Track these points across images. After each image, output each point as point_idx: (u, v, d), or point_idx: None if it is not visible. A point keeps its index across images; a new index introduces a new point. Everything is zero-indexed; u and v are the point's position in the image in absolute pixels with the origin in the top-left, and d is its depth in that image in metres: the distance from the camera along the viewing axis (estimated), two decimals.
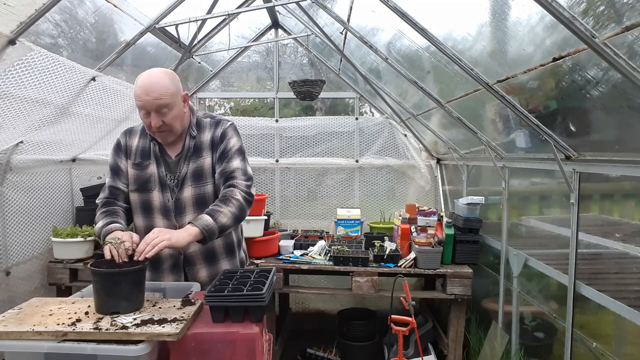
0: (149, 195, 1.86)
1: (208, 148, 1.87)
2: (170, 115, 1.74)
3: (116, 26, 2.87)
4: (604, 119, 1.83)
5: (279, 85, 4.50)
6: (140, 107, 1.72)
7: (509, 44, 1.91)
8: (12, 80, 2.15)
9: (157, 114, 1.71)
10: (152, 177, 1.85)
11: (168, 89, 1.71)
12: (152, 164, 1.86)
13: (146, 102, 1.69)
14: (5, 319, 1.32)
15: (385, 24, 2.61)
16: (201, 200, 1.85)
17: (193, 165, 1.85)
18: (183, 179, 1.84)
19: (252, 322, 1.40)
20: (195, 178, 1.84)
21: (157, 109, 1.70)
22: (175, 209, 1.84)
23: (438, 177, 4.25)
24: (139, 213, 1.90)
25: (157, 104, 1.69)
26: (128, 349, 1.20)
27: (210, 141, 1.87)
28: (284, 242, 3.40)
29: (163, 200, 1.84)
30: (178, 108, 1.77)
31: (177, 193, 1.84)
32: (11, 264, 2.81)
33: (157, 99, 1.69)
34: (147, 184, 1.85)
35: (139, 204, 1.88)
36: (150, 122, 1.73)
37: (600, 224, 2.09)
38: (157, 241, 1.54)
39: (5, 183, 2.75)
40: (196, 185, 1.85)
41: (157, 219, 1.86)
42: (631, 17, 1.22)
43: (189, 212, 1.85)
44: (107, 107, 3.11)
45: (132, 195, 1.89)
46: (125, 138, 1.94)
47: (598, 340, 1.96)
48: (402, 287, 2.44)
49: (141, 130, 1.93)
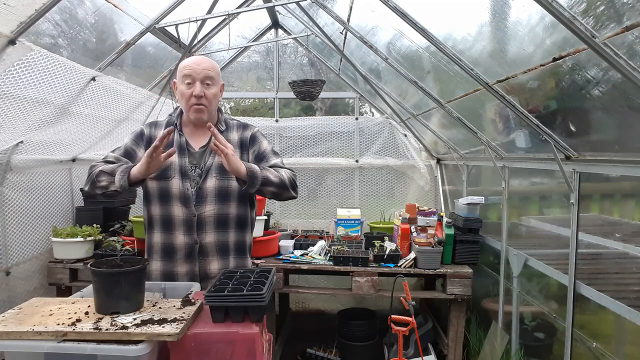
0: (167, 183, 1.88)
1: (237, 147, 1.96)
2: (211, 91, 1.86)
3: (116, 26, 2.88)
4: (604, 119, 1.83)
5: (279, 85, 4.50)
6: (187, 75, 1.83)
7: (509, 44, 1.91)
8: (12, 80, 2.15)
9: (201, 84, 1.83)
10: (172, 165, 1.88)
11: (215, 67, 1.89)
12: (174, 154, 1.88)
13: (195, 70, 1.82)
14: (5, 319, 1.32)
15: (385, 24, 2.61)
16: (224, 193, 1.90)
17: (219, 158, 1.87)
18: (208, 170, 1.89)
19: (252, 322, 1.40)
20: (221, 171, 1.88)
21: (203, 80, 1.83)
22: (196, 197, 1.87)
23: (438, 177, 4.25)
24: (156, 201, 1.91)
25: (205, 74, 1.83)
26: (128, 349, 1.20)
27: (239, 141, 1.97)
28: (284, 242, 3.40)
29: (182, 188, 1.87)
30: (217, 89, 1.91)
31: (200, 183, 1.88)
32: (11, 264, 2.81)
33: (206, 69, 1.84)
34: (166, 171, 1.87)
35: (157, 192, 1.90)
36: (191, 93, 1.82)
37: (600, 224, 2.09)
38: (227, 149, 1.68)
39: (5, 183, 2.75)
40: (221, 177, 1.89)
41: (176, 207, 1.88)
42: (631, 17, 1.22)
43: (210, 202, 1.88)
44: (107, 107, 3.11)
45: (151, 183, 1.90)
46: (150, 129, 1.98)
47: (598, 340, 1.96)
48: (402, 287, 2.43)
49: (166, 123, 1.99)
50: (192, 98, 1.83)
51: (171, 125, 1.95)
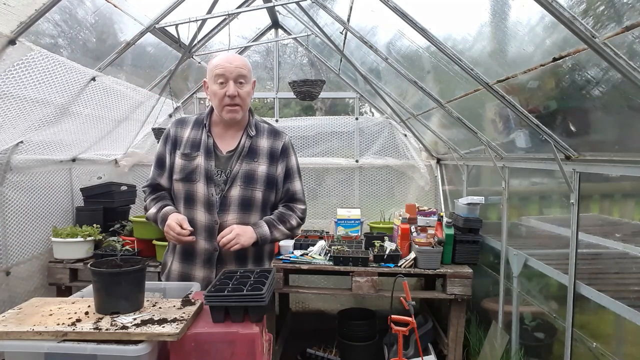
0: (192, 187, 1.86)
1: (266, 156, 1.92)
2: (245, 90, 1.83)
3: (116, 26, 2.87)
4: (604, 119, 1.83)
5: (279, 85, 4.50)
6: (219, 74, 1.79)
7: (509, 44, 1.91)
8: (12, 80, 2.15)
9: (235, 84, 1.80)
10: (198, 168, 1.86)
11: (247, 64, 1.85)
12: (200, 156, 1.87)
13: (227, 69, 1.78)
14: (5, 319, 1.32)
15: (385, 24, 2.61)
16: (247, 203, 1.87)
17: (246, 166, 1.87)
18: (234, 177, 1.86)
19: (252, 322, 1.40)
20: (246, 180, 1.87)
21: (236, 78, 1.80)
22: (220, 205, 1.85)
23: (438, 177, 4.25)
24: (181, 203, 1.90)
25: (238, 72, 1.80)
26: (128, 349, 1.20)
27: (269, 150, 1.93)
28: (284, 242, 3.39)
29: (207, 193, 1.85)
30: (250, 87, 1.88)
31: (225, 190, 1.85)
32: (11, 264, 2.81)
33: (239, 67, 1.80)
34: (192, 174, 1.86)
35: (182, 194, 1.89)
36: (225, 92, 1.79)
37: (600, 224, 2.09)
38: (232, 243, 1.75)
39: (5, 183, 2.75)
40: (246, 187, 1.87)
41: (199, 211, 1.86)
42: (631, 17, 1.22)
43: (232, 211, 1.86)
44: (107, 107, 3.11)
45: (177, 184, 1.90)
46: (177, 128, 1.95)
47: (598, 340, 1.96)
48: (402, 287, 2.43)
49: (194, 121, 1.96)
50: (225, 98, 1.80)
51: (199, 124, 1.93)
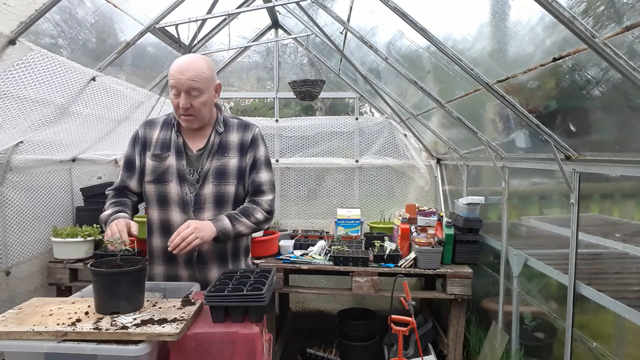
0: (165, 188, 1.85)
1: (236, 149, 1.89)
2: (200, 100, 1.76)
3: (116, 26, 2.87)
4: (604, 119, 1.83)
5: (279, 85, 4.50)
6: (172, 85, 1.74)
7: (509, 44, 1.91)
8: (12, 80, 2.15)
9: (187, 96, 1.73)
10: (170, 169, 1.84)
11: (203, 73, 1.75)
12: (172, 157, 1.85)
13: (179, 81, 1.72)
14: (5, 319, 1.32)
15: (385, 23, 2.61)
16: (221, 199, 1.86)
17: (217, 162, 1.86)
18: (205, 175, 1.84)
19: (252, 322, 1.40)
20: (218, 176, 1.85)
21: (188, 91, 1.73)
22: (194, 204, 1.84)
23: (438, 177, 4.25)
24: (154, 205, 1.88)
25: (189, 85, 1.72)
26: (128, 349, 1.20)
27: (238, 143, 1.90)
28: (284, 242, 3.40)
29: (181, 193, 1.84)
30: (209, 95, 1.80)
31: (197, 189, 1.84)
32: (11, 264, 2.81)
33: (191, 79, 1.71)
34: (164, 175, 1.84)
35: (155, 196, 1.87)
36: (178, 103, 1.74)
37: (600, 224, 2.09)
38: (191, 238, 1.66)
39: (5, 183, 2.75)
40: (218, 183, 1.85)
41: (174, 212, 1.85)
42: (631, 17, 1.22)
43: (207, 208, 1.85)
44: (107, 107, 3.10)
45: (149, 186, 1.88)
46: (145, 130, 1.93)
47: (598, 340, 1.96)
48: (402, 287, 2.43)
49: (163, 122, 1.94)
50: (179, 109, 1.76)
51: (168, 124, 1.91)
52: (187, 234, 1.66)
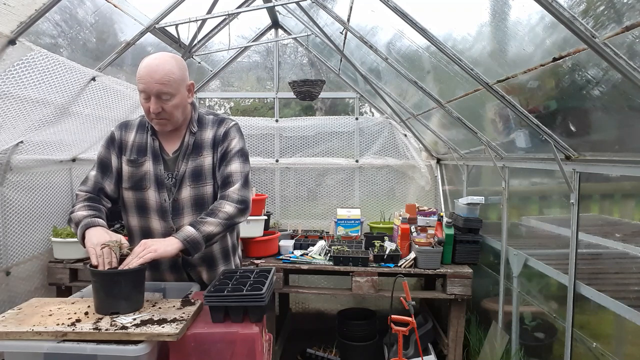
0: (143, 194, 1.76)
1: (209, 147, 1.78)
2: (171, 103, 1.65)
3: (116, 26, 2.87)
4: (604, 119, 1.83)
5: (279, 85, 4.50)
6: (141, 90, 1.63)
7: (509, 44, 1.91)
8: (12, 80, 2.15)
9: (157, 99, 1.62)
10: (147, 174, 1.75)
11: (173, 74, 1.63)
12: (148, 161, 1.76)
13: (148, 84, 1.61)
14: (5, 319, 1.32)
15: (385, 24, 2.61)
16: (200, 202, 1.77)
17: (192, 164, 1.77)
18: (182, 178, 1.75)
19: (252, 322, 1.40)
20: (194, 178, 1.76)
21: (158, 94, 1.62)
22: (172, 210, 1.75)
23: (438, 177, 4.25)
24: (133, 213, 1.80)
25: (159, 89, 1.61)
26: (128, 349, 1.20)
27: (212, 140, 1.79)
28: (284, 242, 3.40)
29: (159, 200, 1.75)
30: (181, 97, 1.68)
31: (174, 193, 1.75)
32: (11, 264, 2.81)
33: (160, 82, 1.60)
34: (141, 182, 1.76)
35: (133, 203, 1.79)
36: (149, 107, 1.63)
37: (600, 224, 2.09)
38: (143, 254, 1.47)
39: (5, 183, 2.75)
40: (195, 185, 1.76)
41: (153, 219, 1.77)
42: (631, 17, 1.22)
43: (187, 213, 1.76)
44: (107, 107, 3.11)
45: (127, 193, 1.79)
46: (121, 132, 1.82)
47: (598, 340, 1.96)
48: (402, 287, 2.43)
49: (138, 124, 1.83)
50: (150, 113, 1.66)
51: (144, 126, 1.81)
52: (138, 252, 1.49)
